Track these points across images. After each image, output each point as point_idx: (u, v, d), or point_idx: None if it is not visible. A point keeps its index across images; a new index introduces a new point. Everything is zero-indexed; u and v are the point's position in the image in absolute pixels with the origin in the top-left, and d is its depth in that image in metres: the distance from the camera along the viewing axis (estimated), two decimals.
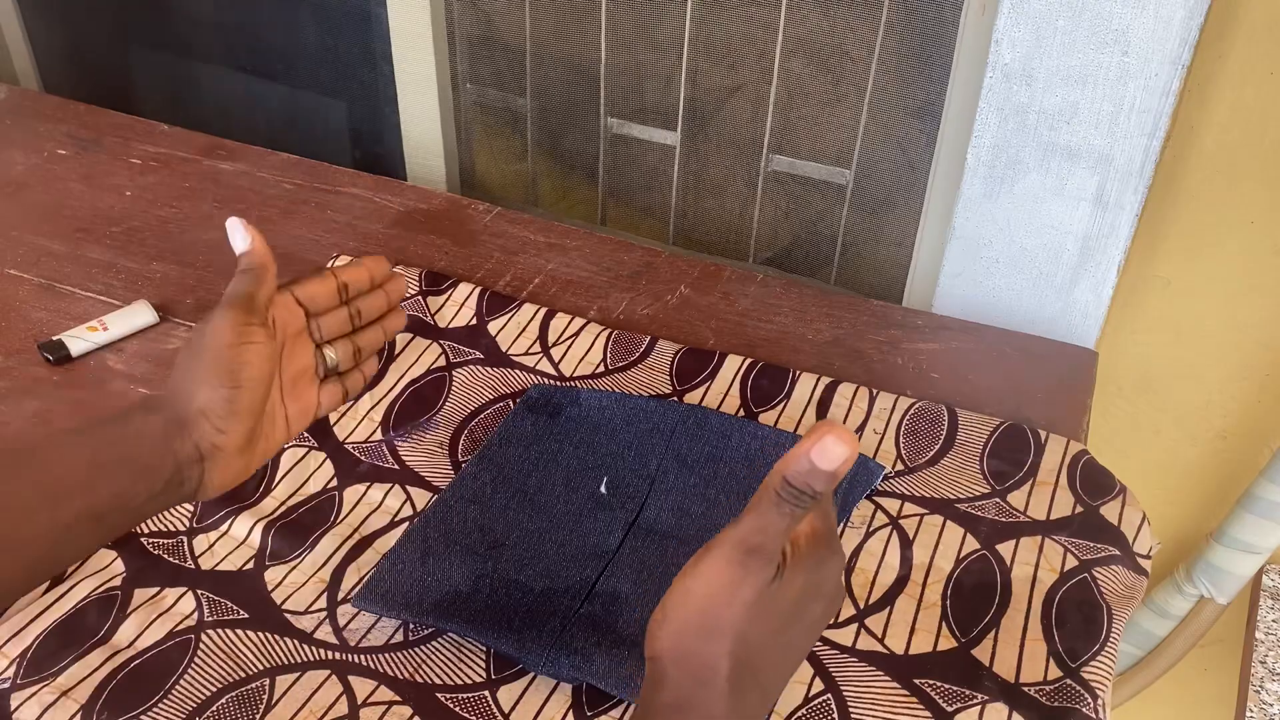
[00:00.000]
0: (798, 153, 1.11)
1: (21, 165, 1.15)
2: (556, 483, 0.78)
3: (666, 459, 0.80)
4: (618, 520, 0.76)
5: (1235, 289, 1.02)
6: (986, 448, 0.82)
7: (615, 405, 0.83)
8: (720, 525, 0.71)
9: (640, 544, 0.74)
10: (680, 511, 0.76)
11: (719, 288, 1.00)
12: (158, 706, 0.64)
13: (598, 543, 0.74)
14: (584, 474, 0.79)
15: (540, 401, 0.84)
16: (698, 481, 0.78)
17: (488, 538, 0.74)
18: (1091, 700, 0.65)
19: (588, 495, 0.77)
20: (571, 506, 0.77)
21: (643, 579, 0.71)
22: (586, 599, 0.70)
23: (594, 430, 0.82)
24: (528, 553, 0.73)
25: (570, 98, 1.18)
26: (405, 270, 0.98)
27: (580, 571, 0.72)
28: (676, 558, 0.72)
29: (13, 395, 0.86)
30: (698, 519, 0.76)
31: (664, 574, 0.71)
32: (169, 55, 1.39)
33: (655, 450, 0.80)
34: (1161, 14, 0.82)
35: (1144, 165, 0.89)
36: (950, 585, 0.72)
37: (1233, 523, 1.04)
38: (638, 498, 0.77)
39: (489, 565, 0.71)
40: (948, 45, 0.97)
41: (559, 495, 0.77)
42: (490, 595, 0.69)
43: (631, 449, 0.81)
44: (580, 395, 0.84)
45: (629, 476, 0.79)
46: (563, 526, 0.75)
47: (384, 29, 1.19)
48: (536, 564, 0.72)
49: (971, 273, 1.00)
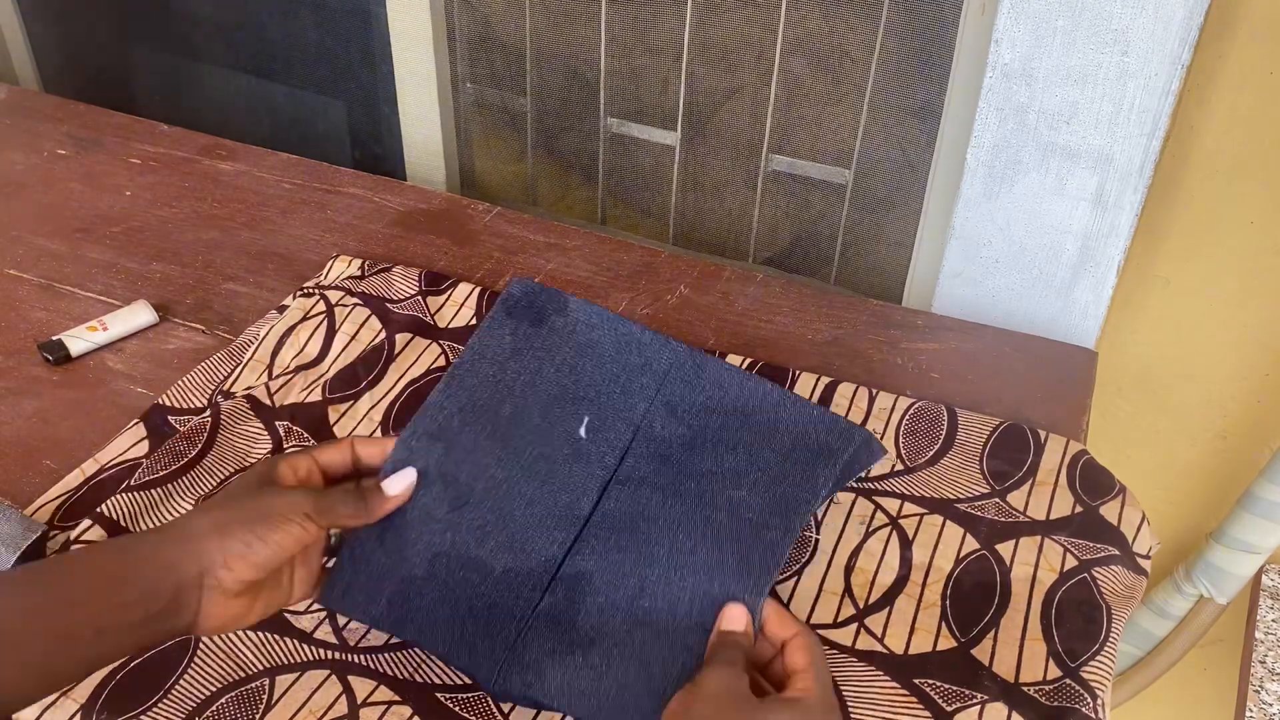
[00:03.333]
0: (798, 153, 1.11)
1: (21, 165, 1.15)
2: (533, 414, 0.71)
3: (655, 404, 0.74)
4: (594, 477, 0.70)
5: (1235, 289, 1.02)
6: (986, 448, 0.82)
7: (606, 326, 0.76)
8: (699, 470, 0.70)
9: (614, 504, 0.69)
10: (662, 460, 0.71)
11: (719, 288, 1.00)
12: (157, 706, 0.64)
13: (569, 503, 0.69)
14: (563, 405, 0.72)
15: (523, 303, 0.77)
16: (685, 431, 0.73)
17: (450, 492, 0.67)
18: (1091, 700, 0.65)
19: (565, 436, 0.71)
20: (547, 449, 0.70)
21: (610, 548, 0.67)
22: (548, 589, 0.66)
23: (579, 352, 0.75)
24: (492, 514, 0.67)
25: (570, 97, 1.18)
26: (405, 270, 0.98)
27: (547, 546, 0.67)
28: (649, 508, 0.68)
29: (13, 395, 0.86)
30: (679, 469, 0.71)
31: (632, 535, 0.67)
32: (169, 55, 1.39)
33: (644, 392, 0.74)
34: (1161, 14, 0.82)
35: (1144, 165, 0.89)
36: (950, 585, 0.72)
37: (1232, 523, 1.04)
38: (618, 446, 0.72)
39: (448, 537, 0.66)
40: (948, 45, 0.97)
41: (534, 429, 0.71)
42: (446, 580, 0.65)
43: (618, 384, 0.74)
44: (569, 303, 0.77)
45: (612, 419, 0.73)
46: (534, 476, 0.69)
47: (383, 29, 1.19)
48: (500, 532, 0.67)
49: (971, 273, 1.00)
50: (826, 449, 0.73)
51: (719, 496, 0.69)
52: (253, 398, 0.84)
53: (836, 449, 0.73)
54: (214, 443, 0.81)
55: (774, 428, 0.74)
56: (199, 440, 0.80)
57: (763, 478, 0.70)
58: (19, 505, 0.76)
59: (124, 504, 0.75)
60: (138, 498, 0.76)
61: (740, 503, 0.68)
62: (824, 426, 0.74)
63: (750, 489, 0.69)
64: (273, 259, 1.03)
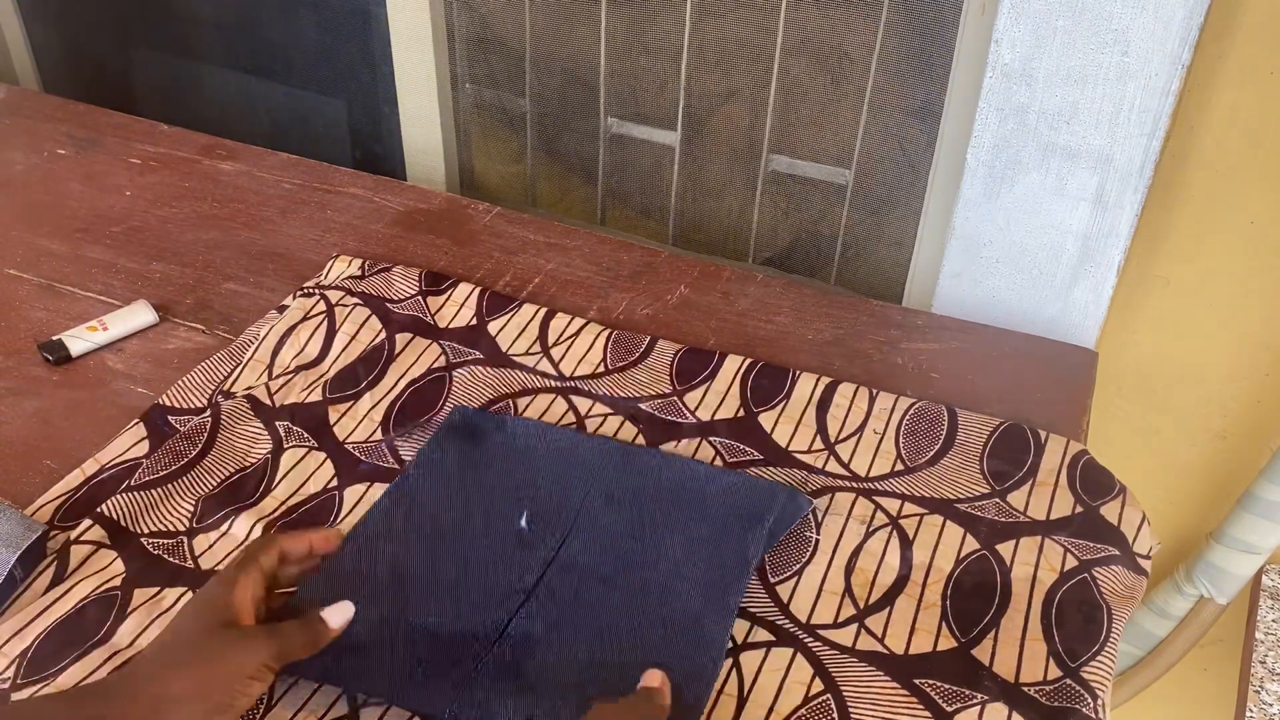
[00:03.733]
0: (797, 153, 1.11)
1: (21, 165, 1.15)
2: (475, 518, 0.75)
3: (591, 493, 0.77)
4: (536, 558, 0.72)
5: (1235, 289, 1.02)
6: (986, 448, 0.82)
7: (539, 434, 0.81)
8: (640, 561, 0.72)
9: (558, 581, 0.71)
10: (602, 547, 0.73)
11: (719, 288, 1.00)
12: None
13: (514, 580, 0.70)
14: (504, 506, 0.76)
15: (463, 427, 0.81)
16: (621, 518, 0.75)
17: (395, 572, 0.70)
18: (1091, 700, 0.65)
19: (506, 531, 0.74)
20: (489, 541, 0.73)
21: (556, 619, 0.68)
22: (496, 642, 0.66)
23: (517, 459, 0.79)
24: (437, 589, 0.69)
25: (570, 98, 1.18)
26: (405, 270, 0.98)
27: (493, 614, 0.68)
28: (594, 594, 0.70)
29: (13, 395, 0.86)
30: (621, 555, 0.73)
31: (580, 612, 0.69)
32: (169, 55, 1.39)
33: (579, 483, 0.77)
34: (1161, 14, 0.82)
35: (1144, 165, 0.89)
36: (950, 585, 0.72)
37: (1233, 523, 1.04)
38: (559, 532, 0.74)
39: (394, 608, 0.68)
40: (948, 45, 0.97)
41: (476, 530, 0.74)
42: (393, 639, 0.66)
43: (556, 482, 0.77)
44: (505, 421, 0.82)
45: (551, 510, 0.75)
46: (479, 564, 0.71)
47: (384, 29, 1.19)
48: (447, 606, 0.68)
49: (971, 273, 1.00)
50: (754, 514, 0.75)
51: (663, 591, 0.70)
52: (253, 398, 0.84)
53: (762, 511, 0.75)
54: (214, 443, 0.81)
55: (703, 500, 0.76)
56: (199, 440, 0.80)
57: (699, 563, 0.72)
58: (19, 505, 0.76)
59: (124, 504, 0.75)
60: (138, 498, 0.76)
61: (680, 595, 0.70)
62: (748, 491, 0.77)
63: (687, 579, 0.71)
64: (273, 259, 1.03)
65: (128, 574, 0.71)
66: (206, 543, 0.74)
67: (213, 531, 0.75)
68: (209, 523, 0.75)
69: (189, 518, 0.76)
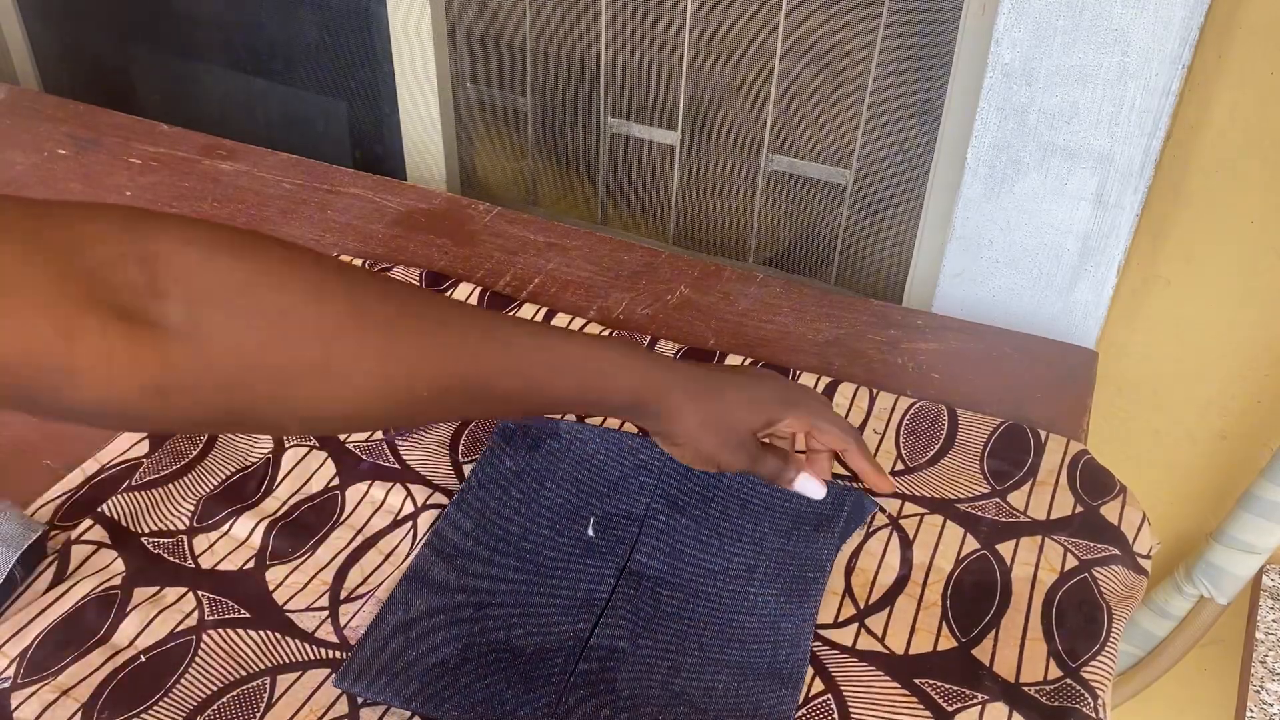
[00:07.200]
0: (798, 153, 1.11)
1: (21, 165, 1.15)
2: (541, 526, 0.75)
3: (655, 499, 0.76)
4: (608, 566, 0.72)
5: (1235, 289, 1.02)
6: (986, 448, 0.82)
7: (598, 440, 0.80)
8: (713, 569, 0.72)
9: (633, 592, 0.71)
10: (672, 555, 0.73)
11: (719, 288, 1.00)
12: (158, 706, 0.64)
13: (589, 591, 0.71)
14: (570, 515, 0.75)
15: (517, 433, 0.81)
16: (688, 523, 0.75)
17: (472, 599, 0.70)
18: (1091, 700, 0.65)
19: (575, 539, 0.74)
20: (559, 552, 0.73)
21: (639, 632, 0.68)
22: (582, 656, 0.67)
23: (577, 466, 0.79)
24: (515, 609, 0.69)
25: (571, 97, 1.18)
26: (406, 270, 0.98)
27: (573, 625, 0.68)
28: (670, 605, 0.70)
29: None
30: (690, 563, 0.73)
31: (659, 625, 0.69)
32: (169, 55, 1.39)
33: (644, 489, 0.77)
34: (1161, 14, 0.82)
35: (1144, 165, 0.89)
36: (950, 585, 0.72)
37: (1233, 523, 1.04)
38: (628, 540, 0.74)
39: (475, 631, 0.68)
40: (948, 45, 0.97)
41: (545, 540, 0.74)
42: (479, 664, 0.66)
43: (619, 488, 0.77)
44: (559, 427, 0.81)
45: (617, 518, 0.75)
46: (551, 575, 0.71)
47: (384, 28, 1.19)
48: (525, 621, 0.68)
49: (971, 273, 1.00)
50: (824, 519, 0.75)
51: (736, 597, 0.71)
52: None
53: (832, 517, 0.75)
54: (215, 443, 0.81)
55: (770, 508, 0.76)
56: (200, 440, 0.80)
57: (772, 567, 0.72)
58: (19, 505, 0.76)
59: (124, 504, 0.75)
60: (138, 497, 0.76)
61: (756, 599, 0.70)
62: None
63: (762, 582, 0.71)
64: None
65: (128, 574, 0.71)
66: (207, 542, 0.74)
67: (213, 531, 0.75)
68: (209, 522, 0.75)
69: (189, 517, 0.76)
